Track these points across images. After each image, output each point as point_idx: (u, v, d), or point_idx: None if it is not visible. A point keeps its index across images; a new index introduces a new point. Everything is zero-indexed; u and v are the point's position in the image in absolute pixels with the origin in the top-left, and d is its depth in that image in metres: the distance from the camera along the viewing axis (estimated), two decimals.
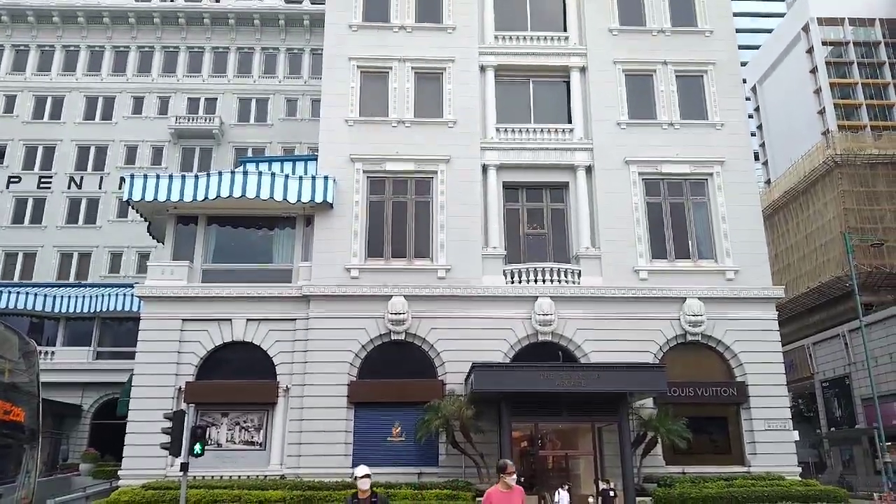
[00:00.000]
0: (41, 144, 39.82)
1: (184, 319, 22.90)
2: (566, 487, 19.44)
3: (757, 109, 74.45)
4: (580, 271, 24.01)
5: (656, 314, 23.42)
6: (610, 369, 20.68)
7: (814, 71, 63.34)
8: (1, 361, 13.83)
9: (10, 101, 40.76)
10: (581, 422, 21.74)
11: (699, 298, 23.48)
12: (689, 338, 23.46)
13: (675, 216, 25.08)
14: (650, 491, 20.50)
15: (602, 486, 19.61)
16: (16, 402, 13.25)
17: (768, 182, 65.01)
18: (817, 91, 62.74)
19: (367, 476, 9.58)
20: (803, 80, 64.37)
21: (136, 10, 42.32)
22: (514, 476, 8.70)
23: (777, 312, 24.34)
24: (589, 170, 25.19)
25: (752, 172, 26.68)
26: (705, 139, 25.56)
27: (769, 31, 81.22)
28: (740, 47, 29.01)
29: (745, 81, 52.83)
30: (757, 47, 77.75)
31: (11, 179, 38.83)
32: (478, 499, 19.39)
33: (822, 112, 61.55)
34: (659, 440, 21.52)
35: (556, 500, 18.90)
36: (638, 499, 19.83)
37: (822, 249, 46.56)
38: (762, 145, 73.55)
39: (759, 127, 74.15)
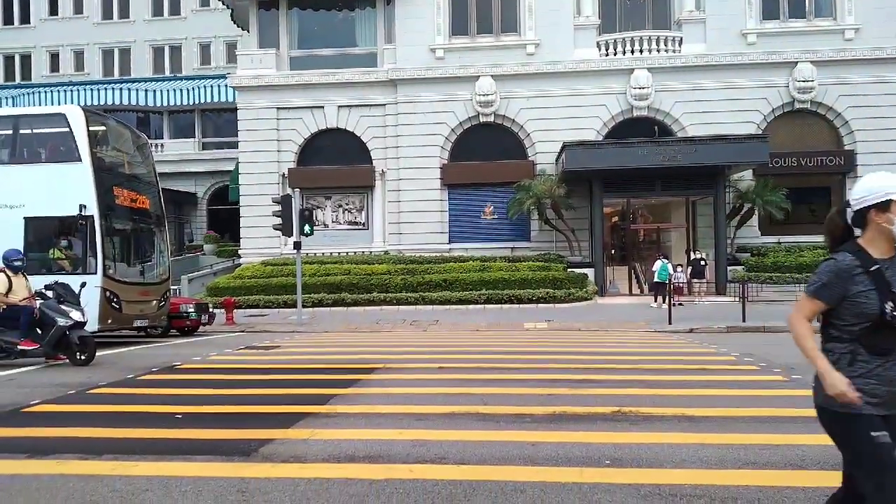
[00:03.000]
0: None
1: (278, 108, 23.43)
2: (668, 259, 19.40)
3: None
4: (682, 38, 22.33)
5: (763, 81, 21.90)
6: (707, 142, 20.00)
7: None
8: (119, 154, 14.89)
9: None
10: (675, 196, 21.64)
11: (811, 62, 21.61)
12: (798, 105, 22.03)
13: None
14: (743, 260, 20.74)
15: (695, 255, 19.94)
16: (139, 191, 14.44)
17: None
18: None
19: None
20: None
21: None
22: None
23: None
24: None
25: None
26: None
27: None
28: None
29: None
30: None
31: None
32: (569, 270, 20.32)
33: None
34: (756, 211, 21.26)
35: (654, 269, 19.16)
36: (730, 268, 20.16)
37: None
38: None
39: None
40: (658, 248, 22.47)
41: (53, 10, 38.68)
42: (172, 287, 17.49)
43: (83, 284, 10.95)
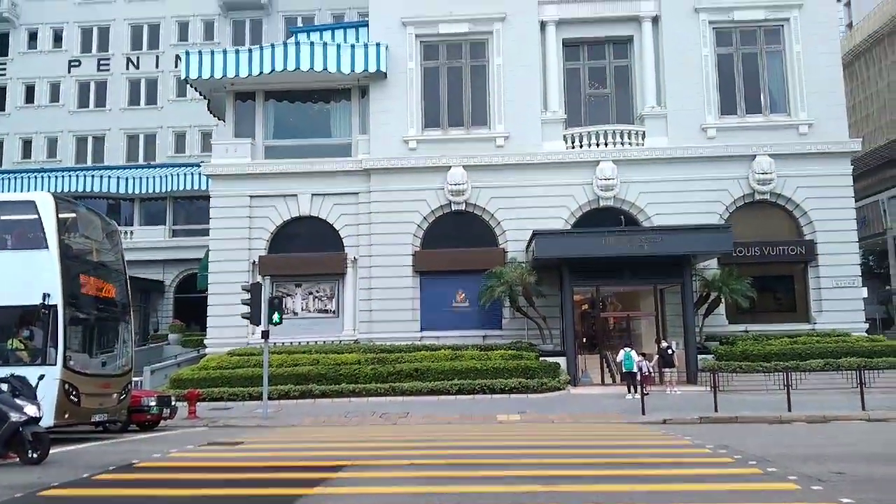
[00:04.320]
0: (95, 25, 39.62)
1: (251, 196, 23.56)
2: (632, 348, 19.71)
3: None
4: (644, 132, 23.24)
5: (724, 174, 22.70)
6: (673, 231, 20.50)
7: None
8: (87, 242, 14.74)
9: None
10: (644, 285, 21.92)
11: (769, 155, 22.56)
12: (758, 196, 22.81)
13: (747, 68, 23.64)
14: (712, 349, 20.87)
15: (663, 344, 20.03)
16: (106, 279, 14.21)
17: (850, 25, 59.78)
18: None
19: None
20: None
21: None
22: None
23: (852, 167, 23.27)
24: (655, 21, 23.67)
25: (832, 16, 24.60)
26: None
27: None
28: None
29: None
30: None
31: (72, 63, 39.19)
32: (541, 358, 20.23)
33: None
34: (722, 300, 21.58)
35: (618, 359, 19.44)
36: (700, 356, 20.25)
37: None
38: None
39: None
40: (629, 337, 22.56)
41: (30, 98, 39.13)
42: (134, 379, 16.97)
43: (41, 377, 10.57)
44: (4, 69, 39.13)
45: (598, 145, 23.09)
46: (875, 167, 46.72)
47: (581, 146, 23.19)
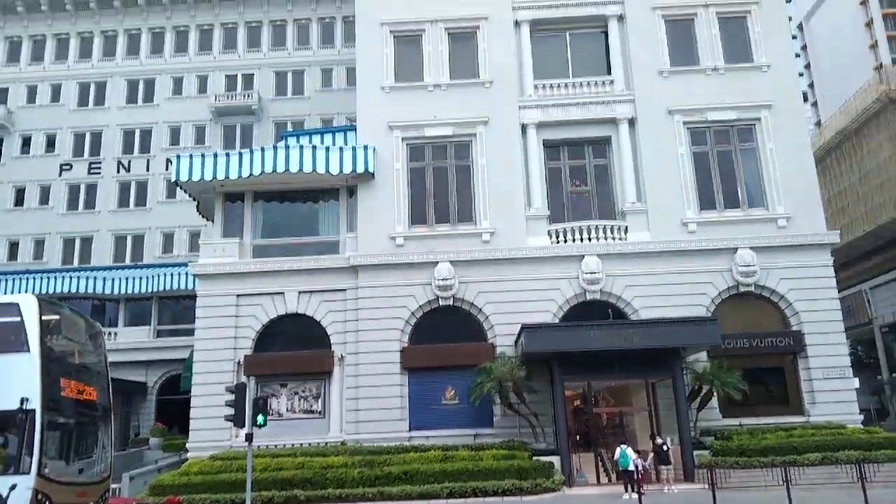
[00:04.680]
0: (88, 131, 40.73)
1: (238, 295, 23.48)
2: (627, 445, 19.31)
3: (804, 48, 71.27)
4: (627, 227, 23.72)
5: (707, 266, 23.05)
6: (661, 324, 20.56)
7: (864, 2, 60.21)
8: (70, 344, 14.51)
9: (56, 91, 41.65)
10: (634, 378, 21.75)
11: (751, 248, 22.99)
12: (742, 289, 23.06)
13: (723, 165, 24.49)
14: (707, 444, 20.46)
15: (658, 440, 19.63)
16: (88, 382, 13.91)
17: (818, 124, 62.57)
18: (869, 24, 59.70)
19: None
20: (853, 14, 61.26)
21: None
22: None
23: (832, 258, 23.70)
24: (632, 122, 24.68)
25: (801, 114, 25.76)
26: (751, 83, 24.73)
27: None
28: None
29: (790, 19, 50.54)
30: None
31: (63, 167, 39.95)
32: (534, 458, 19.68)
33: (874, 46, 58.57)
34: (714, 393, 21.36)
35: (614, 457, 18.98)
36: (695, 452, 19.82)
37: (878, 190, 44.77)
38: (811, 85, 70.59)
39: (807, 66, 71.08)
40: (623, 433, 22.11)
41: (19, 201, 39.55)
42: (112, 486, 16.27)
43: (13, 487, 10.14)
44: None
45: (581, 240, 23.48)
46: (856, 258, 47.72)
47: (565, 241, 23.57)
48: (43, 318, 12.79)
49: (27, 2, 42.43)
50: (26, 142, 40.64)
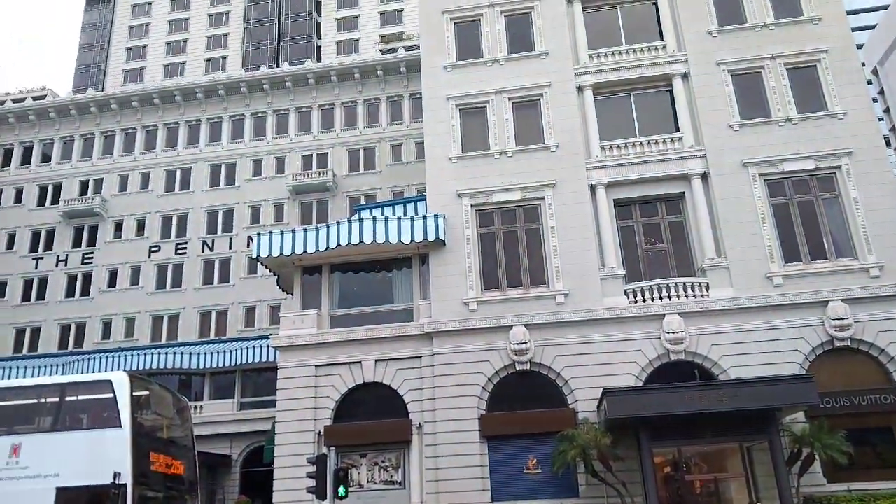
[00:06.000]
0: (175, 214, 43.30)
1: (317, 365, 23.84)
2: None
3: (881, 92, 69.03)
4: (708, 284, 22.95)
5: (797, 321, 21.93)
6: (753, 384, 19.49)
7: None
8: (159, 419, 15.00)
9: (146, 178, 44.72)
10: (727, 442, 20.60)
11: (843, 300, 21.80)
12: (837, 343, 21.75)
13: (805, 215, 23.57)
14: None
15: None
16: (176, 456, 14.28)
17: None
18: None
19: None
20: None
21: (247, 80, 45.56)
22: None
23: None
24: (705, 177, 24.23)
25: (885, 160, 24.54)
26: (828, 131, 23.98)
27: (885, 7, 75.58)
28: (855, 29, 27.19)
29: (864, 65, 49.18)
30: (873, 26, 72.47)
31: (152, 249, 42.34)
32: None
33: None
34: (816, 456, 19.94)
35: None
36: None
37: None
38: (893, 129, 67.98)
39: (886, 110, 68.67)
40: (718, 501, 20.82)
41: (112, 282, 41.91)
42: None
43: None
44: (92, 257, 42.40)
45: (661, 299, 22.84)
46: None
47: (644, 300, 22.98)
48: (134, 393, 13.30)
49: (119, 99, 46.17)
50: (118, 227, 43.46)
